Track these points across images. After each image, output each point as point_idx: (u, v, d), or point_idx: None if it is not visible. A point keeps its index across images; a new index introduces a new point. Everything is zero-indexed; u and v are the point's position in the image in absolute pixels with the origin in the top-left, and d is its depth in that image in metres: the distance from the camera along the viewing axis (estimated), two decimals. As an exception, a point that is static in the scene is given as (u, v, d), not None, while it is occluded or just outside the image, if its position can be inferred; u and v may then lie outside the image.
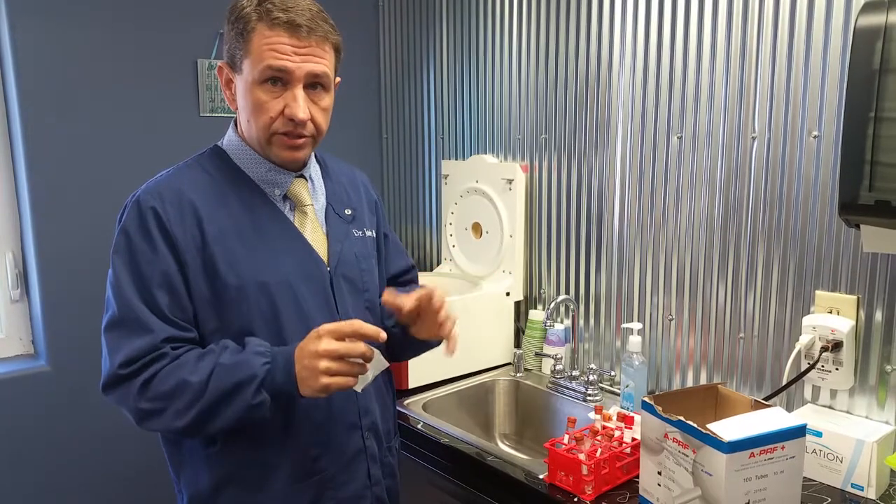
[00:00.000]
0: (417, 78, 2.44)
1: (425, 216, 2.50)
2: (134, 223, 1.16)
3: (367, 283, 1.35)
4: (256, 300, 1.19)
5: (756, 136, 1.56)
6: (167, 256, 1.15)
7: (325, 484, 1.25)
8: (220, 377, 1.11)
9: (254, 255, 1.20)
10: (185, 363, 1.13)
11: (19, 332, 2.06)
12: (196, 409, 1.10)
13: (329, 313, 1.25)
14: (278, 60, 1.14)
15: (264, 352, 1.13)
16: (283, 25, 1.14)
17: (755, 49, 1.54)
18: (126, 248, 1.16)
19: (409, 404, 1.80)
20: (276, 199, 1.26)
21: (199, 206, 1.18)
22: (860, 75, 1.15)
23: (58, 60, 1.91)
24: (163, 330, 1.14)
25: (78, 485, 2.06)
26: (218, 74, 1.24)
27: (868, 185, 1.16)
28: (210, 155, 1.27)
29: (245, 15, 1.15)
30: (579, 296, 1.99)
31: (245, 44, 1.16)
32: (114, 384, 1.13)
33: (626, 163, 1.82)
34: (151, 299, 1.14)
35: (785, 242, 1.54)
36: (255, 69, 1.15)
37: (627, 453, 1.40)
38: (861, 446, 1.32)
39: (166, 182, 1.20)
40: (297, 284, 1.22)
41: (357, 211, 1.38)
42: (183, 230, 1.16)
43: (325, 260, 1.27)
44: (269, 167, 1.25)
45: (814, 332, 1.46)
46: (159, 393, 1.11)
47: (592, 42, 1.86)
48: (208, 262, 1.17)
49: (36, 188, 1.92)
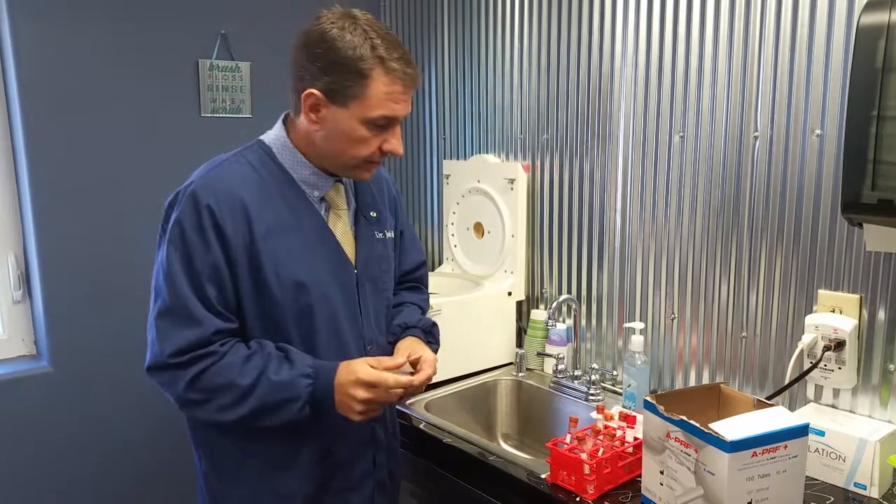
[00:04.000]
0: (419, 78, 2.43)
1: (427, 216, 2.50)
2: (189, 217, 1.21)
3: (387, 283, 1.45)
4: (293, 297, 1.27)
5: (758, 135, 1.55)
6: (218, 252, 1.21)
7: (338, 466, 1.36)
8: (266, 391, 1.22)
9: (294, 255, 1.27)
10: (233, 364, 1.22)
11: (22, 333, 2.06)
12: (240, 411, 1.22)
13: (353, 312, 1.35)
14: (396, 111, 1.25)
15: (310, 373, 1.24)
16: (399, 76, 1.22)
17: (757, 47, 1.53)
18: (181, 240, 1.22)
19: (411, 404, 1.79)
20: (313, 200, 1.33)
21: (249, 205, 1.24)
22: (863, 74, 1.15)
23: (59, 61, 1.91)
24: (211, 323, 1.22)
25: (80, 486, 2.06)
26: (304, 100, 1.23)
27: (871, 183, 1.15)
28: (256, 150, 1.32)
29: (361, 56, 1.19)
30: (581, 295, 1.99)
31: (360, 87, 1.20)
32: (161, 369, 1.22)
33: (627, 162, 1.82)
34: (202, 292, 1.21)
35: (787, 241, 1.53)
36: (370, 112, 1.22)
37: (629, 453, 1.39)
38: (864, 445, 1.32)
39: (218, 179, 1.25)
40: (329, 284, 1.31)
41: (380, 213, 1.46)
42: (234, 229, 1.22)
43: (352, 262, 1.36)
44: (312, 170, 1.31)
45: (816, 331, 1.46)
46: (207, 388, 1.22)
47: (594, 41, 1.86)
48: (254, 259, 1.24)
49: (38, 189, 1.92)
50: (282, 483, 1.32)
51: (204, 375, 1.21)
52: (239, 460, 1.32)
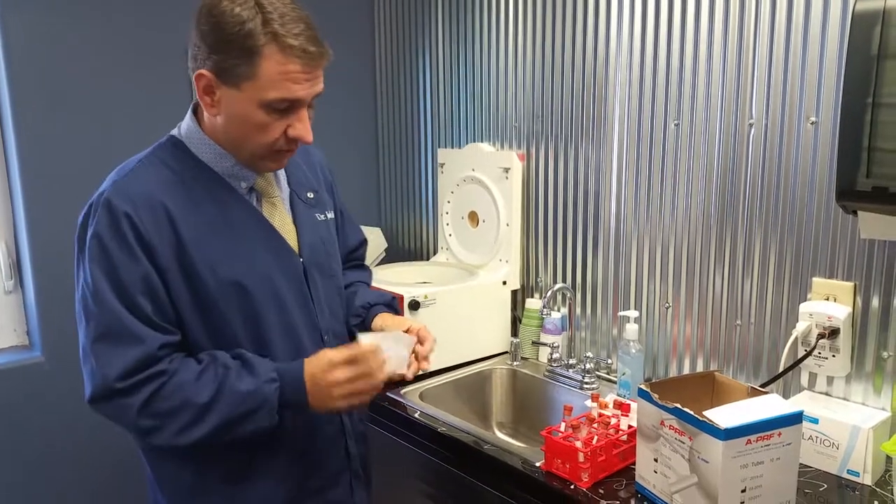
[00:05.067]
0: (413, 65, 2.42)
1: (421, 205, 2.49)
2: (107, 229, 1.11)
3: (335, 268, 1.38)
4: (237, 298, 1.19)
5: (753, 123, 1.55)
6: (145, 262, 1.12)
7: (313, 465, 1.29)
8: (228, 404, 1.13)
9: (231, 254, 1.19)
10: (186, 382, 1.13)
11: (13, 323, 2.05)
12: (202, 430, 1.13)
13: (304, 303, 1.28)
14: (295, 93, 1.12)
15: (275, 377, 1.16)
16: (297, 54, 1.10)
17: (752, 34, 1.53)
18: (102, 255, 1.11)
19: (405, 393, 1.79)
20: (242, 192, 1.24)
21: (172, 209, 1.15)
22: (858, 61, 1.14)
23: (51, 52, 1.89)
24: (154, 338, 1.12)
25: (73, 476, 2.06)
26: (196, 81, 1.14)
27: (866, 171, 1.15)
28: (169, 147, 1.22)
29: (249, 32, 1.08)
30: (576, 284, 1.99)
31: (250, 66, 1.09)
32: (108, 397, 1.12)
33: (623, 150, 1.82)
34: (137, 307, 1.12)
35: (782, 229, 1.53)
36: (265, 95, 1.11)
37: (624, 441, 1.39)
38: (857, 433, 1.33)
39: (133, 183, 1.15)
40: (276, 278, 1.23)
41: (318, 193, 1.38)
42: (160, 236, 1.13)
43: (296, 250, 1.28)
44: (233, 162, 1.21)
45: (811, 319, 1.46)
46: (161, 411, 1.12)
47: (589, 29, 1.85)
48: (186, 266, 1.15)
49: (28, 179, 1.90)
50: (258, 492, 1.24)
51: (155, 399, 1.11)
52: (201, 476, 1.22)
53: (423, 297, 1.86)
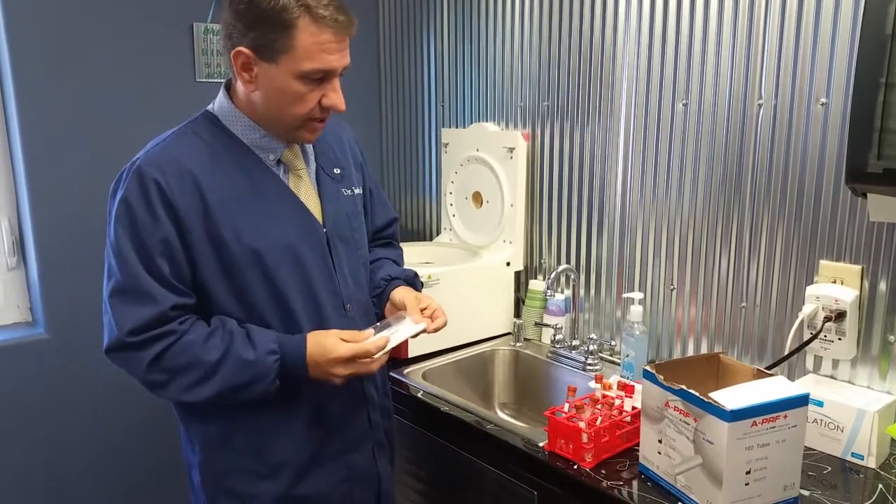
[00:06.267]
0: (417, 44, 2.40)
1: (425, 185, 2.47)
2: (136, 193, 1.18)
3: (359, 241, 1.43)
4: (260, 264, 1.25)
5: (762, 103, 1.53)
6: (168, 226, 1.18)
7: (333, 428, 1.35)
8: (232, 371, 1.20)
9: (255, 221, 1.25)
10: (195, 342, 1.20)
11: (17, 299, 2.05)
12: (207, 390, 1.21)
13: (327, 273, 1.33)
14: (329, 63, 1.18)
15: (275, 349, 1.22)
16: (329, 24, 1.16)
17: (763, 13, 1.50)
18: (127, 216, 1.18)
19: (408, 373, 1.79)
20: (270, 164, 1.30)
21: (199, 175, 1.21)
22: (871, 40, 1.13)
23: (52, 22, 1.87)
24: (167, 298, 1.19)
25: (77, 452, 2.06)
26: (233, 59, 1.19)
27: (877, 153, 1.14)
28: (203, 121, 1.29)
29: (284, 7, 1.14)
30: (580, 265, 1.98)
31: (287, 39, 1.15)
32: (120, 349, 1.20)
33: (629, 130, 1.80)
34: (154, 268, 1.19)
35: (789, 211, 1.52)
36: (301, 66, 1.17)
37: (627, 422, 1.39)
38: (862, 416, 1.32)
39: (164, 153, 1.22)
40: (299, 247, 1.29)
41: (345, 170, 1.43)
42: (185, 201, 1.19)
43: (320, 221, 1.33)
44: (262, 134, 1.28)
45: (817, 301, 1.45)
46: (170, 367, 1.20)
47: (596, 6, 1.82)
48: (212, 232, 1.21)
49: (31, 154, 1.89)
50: (281, 449, 1.31)
51: (166, 355, 1.19)
52: (225, 435, 1.30)
53: (426, 278, 1.85)
